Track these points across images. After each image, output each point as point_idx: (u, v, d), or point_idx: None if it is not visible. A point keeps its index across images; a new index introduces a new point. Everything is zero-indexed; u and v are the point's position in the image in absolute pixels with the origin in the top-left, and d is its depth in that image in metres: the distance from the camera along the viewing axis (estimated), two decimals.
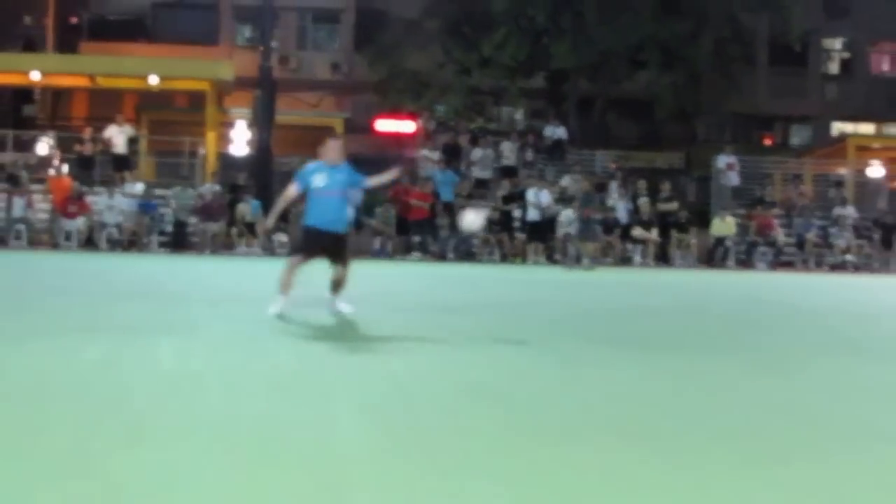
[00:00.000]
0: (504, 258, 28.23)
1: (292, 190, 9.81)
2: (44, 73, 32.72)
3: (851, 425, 5.34)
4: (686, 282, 21.77)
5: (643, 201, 29.46)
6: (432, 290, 16.30)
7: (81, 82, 34.82)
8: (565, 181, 30.83)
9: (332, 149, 9.77)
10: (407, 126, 36.18)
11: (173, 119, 35.81)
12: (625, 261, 28.66)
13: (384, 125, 38.15)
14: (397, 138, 35.64)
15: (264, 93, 29.68)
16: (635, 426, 5.05)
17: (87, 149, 30.39)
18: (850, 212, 31.87)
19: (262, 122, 29.72)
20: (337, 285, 9.78)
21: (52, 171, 29.51)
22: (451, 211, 28.56)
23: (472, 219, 10.43)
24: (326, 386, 5.96)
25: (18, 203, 27.07)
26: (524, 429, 4.84)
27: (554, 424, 4.97)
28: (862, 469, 4.26)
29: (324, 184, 9.59)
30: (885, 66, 48.28)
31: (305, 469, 3.90)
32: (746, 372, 7.30)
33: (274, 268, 10.71)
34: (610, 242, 28.99)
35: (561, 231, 27.77)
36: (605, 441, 4.62)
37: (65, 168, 29.84)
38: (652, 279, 22.21)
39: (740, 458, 4.36)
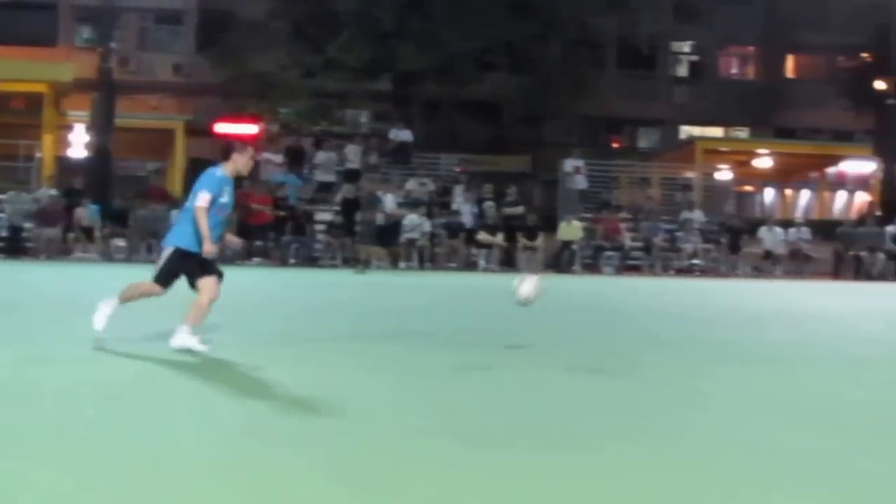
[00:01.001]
0: (346, 262, 27.65)
1: (206, 200, 7.61)
2: None
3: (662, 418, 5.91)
4: None
5: (488, 205, 29.16)
6: (279, 296, 16.50)
7: None
8: (411, 184, 30.51)
9: (249, 158, 7.99)
10: (249, 129, 35.45)
11: (9, 122, 34.96)
12: (469, 265, 28.34)
13: (226, 128, 37.37)
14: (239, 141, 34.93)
15: (103, 95, 29.63)
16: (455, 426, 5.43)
17: None
18: (697, 215, 32.12)
19: (102, 124, 29.60)
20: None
21: None
22: (295, 215, 27.98)
23: (529, 288, 9.69)
24: (161, 395, 6.11)
25: None
26: (360, 437, 4.99)
27: (389, 432, 5.16)
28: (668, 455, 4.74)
29: (228, 201, 7.82)
30: (734, 70, 49.16)
31: (137, 478, 3.99)
32: (566, 369, 7.81)
33: (112, 274, 10.24)
34: (454, 246, 28.63)
35: (405, 236, 27.37)
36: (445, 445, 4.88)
37: None
38: (495, 284, 21.89)
39: (538, 444, 4.89)
